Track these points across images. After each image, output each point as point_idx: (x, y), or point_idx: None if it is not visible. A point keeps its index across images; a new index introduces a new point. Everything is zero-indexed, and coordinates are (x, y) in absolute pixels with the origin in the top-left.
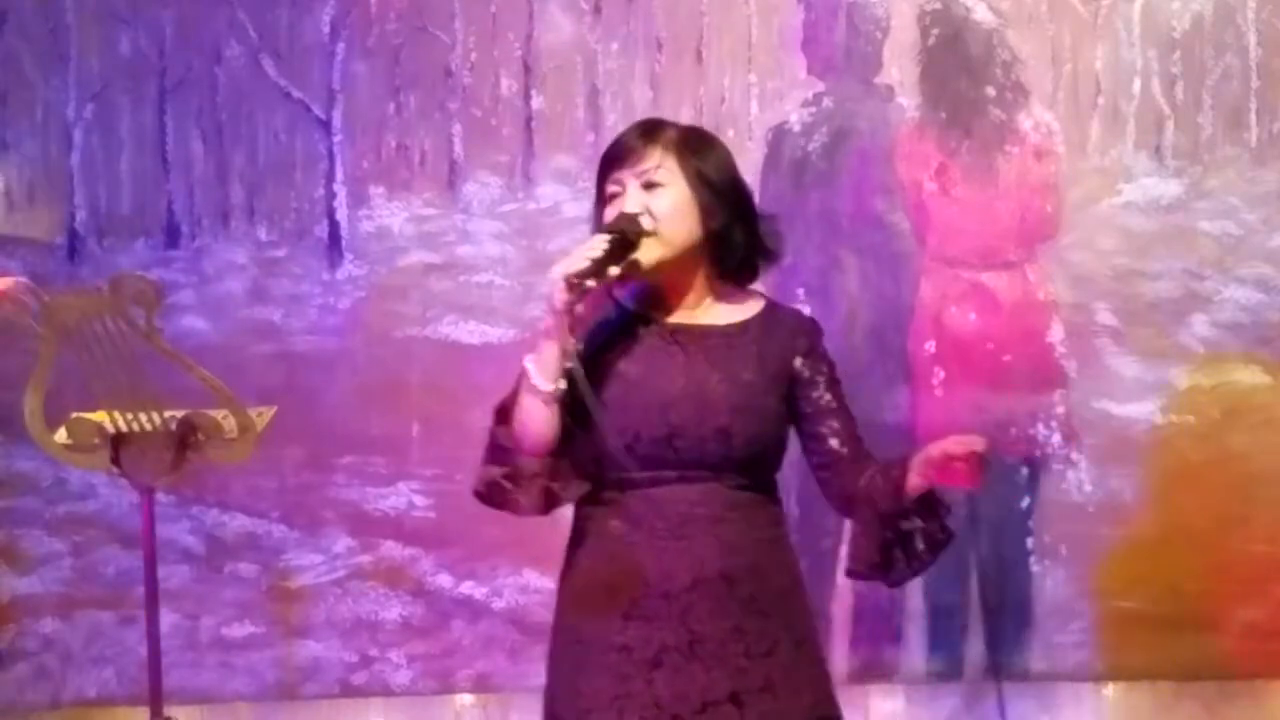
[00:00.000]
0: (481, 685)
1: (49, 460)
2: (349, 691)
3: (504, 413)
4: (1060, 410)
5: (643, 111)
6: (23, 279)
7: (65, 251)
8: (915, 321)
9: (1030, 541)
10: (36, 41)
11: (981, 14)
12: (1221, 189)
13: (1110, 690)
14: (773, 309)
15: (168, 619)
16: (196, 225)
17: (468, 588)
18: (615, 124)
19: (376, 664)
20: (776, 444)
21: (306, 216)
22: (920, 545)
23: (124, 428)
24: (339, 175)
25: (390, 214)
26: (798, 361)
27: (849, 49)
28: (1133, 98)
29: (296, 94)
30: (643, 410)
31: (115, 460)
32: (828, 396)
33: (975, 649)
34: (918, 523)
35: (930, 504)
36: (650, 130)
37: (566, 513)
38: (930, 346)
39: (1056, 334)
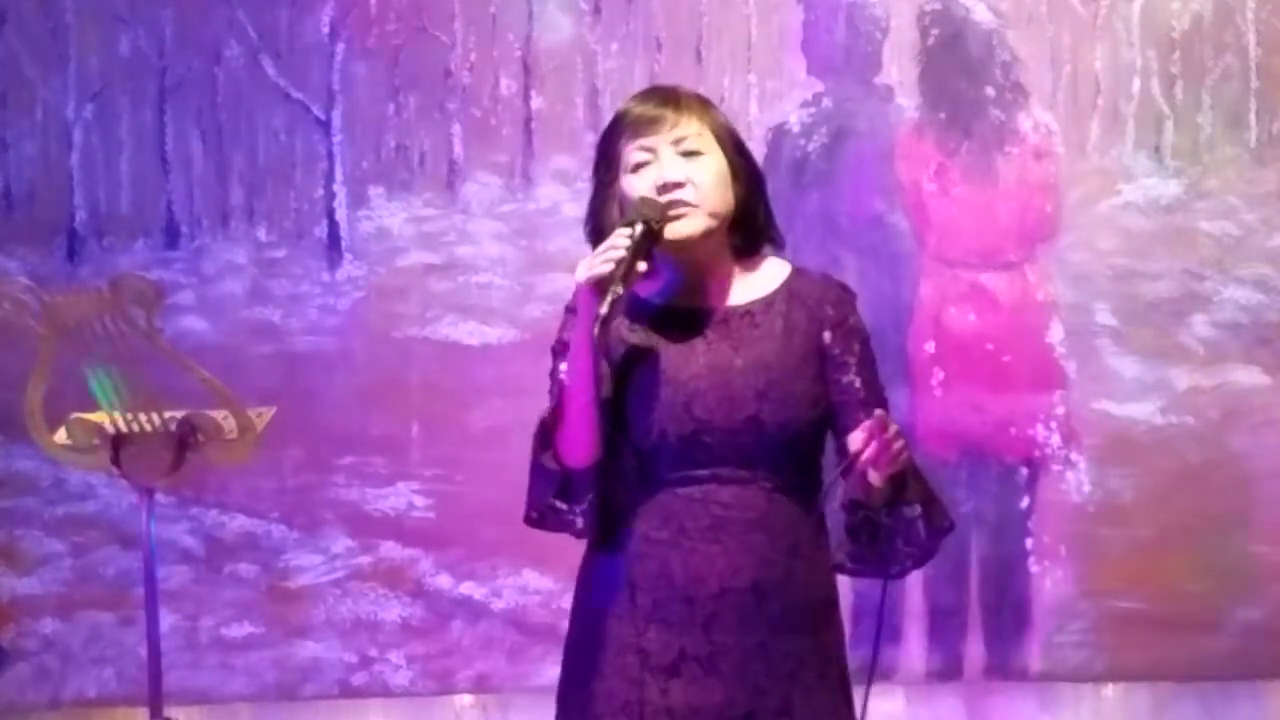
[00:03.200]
0: (481, 686)
1: (49, 460)
2: (348, 692)
3: (545, 434)
4: (1060, 411)
5: None
6: (23, 279)
7: (65, 251)
8: (915, 322)
9: (1030, 542)
10: (36, 41)
11: (981, 14)
12: (1221, 189)
13: (1110, 690)
14: (798, 276)
15: (167, 619)
16: (196, 225)
17: (467, 588)
18: None
19: (376, 664)
20: (814, 430)
21: (306, 217)
22: (922, 533)
23: (124, 428)
24: (339, 175)
25: (390, 214)
26: (827, 335)
27: (849, 49)
28: (1132, 98)
29: (296, 94)
30: (667, 406)
31: (115, 461)
32: (858, 383)
33: (975, 649)
34: (918, 510)
35: (925, 491)
36: (674, 96)
37: None
38: (930, 347)
39: (1056, 334)
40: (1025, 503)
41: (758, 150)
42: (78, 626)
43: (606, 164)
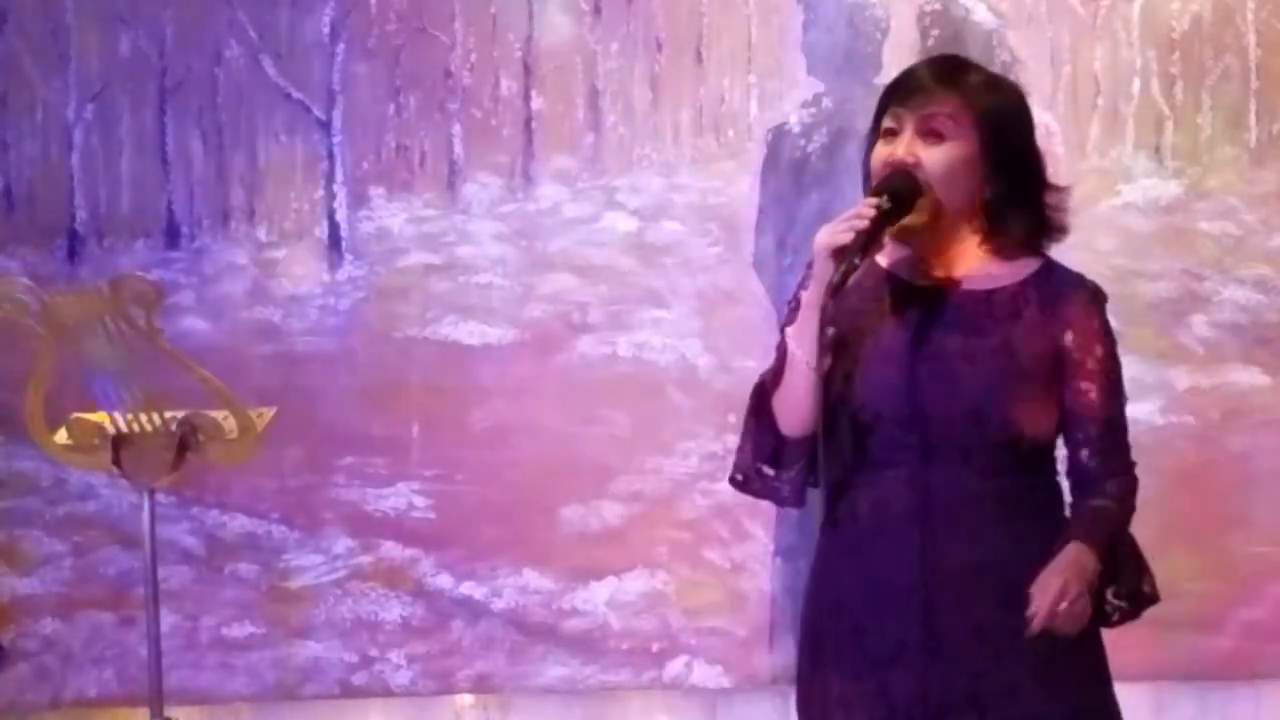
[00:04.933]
0: (481, 685)
1: (49, 460)
2: (349, 692)
3: (762, 394)
4: None
5: (643, 112)
6: (23, 279)
7: (65, 252)
8: None
9: None
10: (36, 41)
11: (981, 15)
12: (1221, 189)
13: None
14: (1049, 270)
15: (168, 619)
16: (196, 226)
17: (468, 588)
18: (615, 124)
19: (376, 664)
20: (1040, 432)
21: (306, 217)
22: (1113, 614)
23: (124, 428)
24: (339, 176)
25: (390, 215)
26: (1068, 336)
27: (849, 49)
28: (1132, 98)
29: (296, 94)
30: (889, 386)
31: (115, 461)
32: (1093, 391)
33: None
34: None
35: (1128, 580)
36: (951, 71)
37: (567, 512)
38: None
39: None
40: None
41: (758, 150)
42: (78, 626)
43: (874, 125)
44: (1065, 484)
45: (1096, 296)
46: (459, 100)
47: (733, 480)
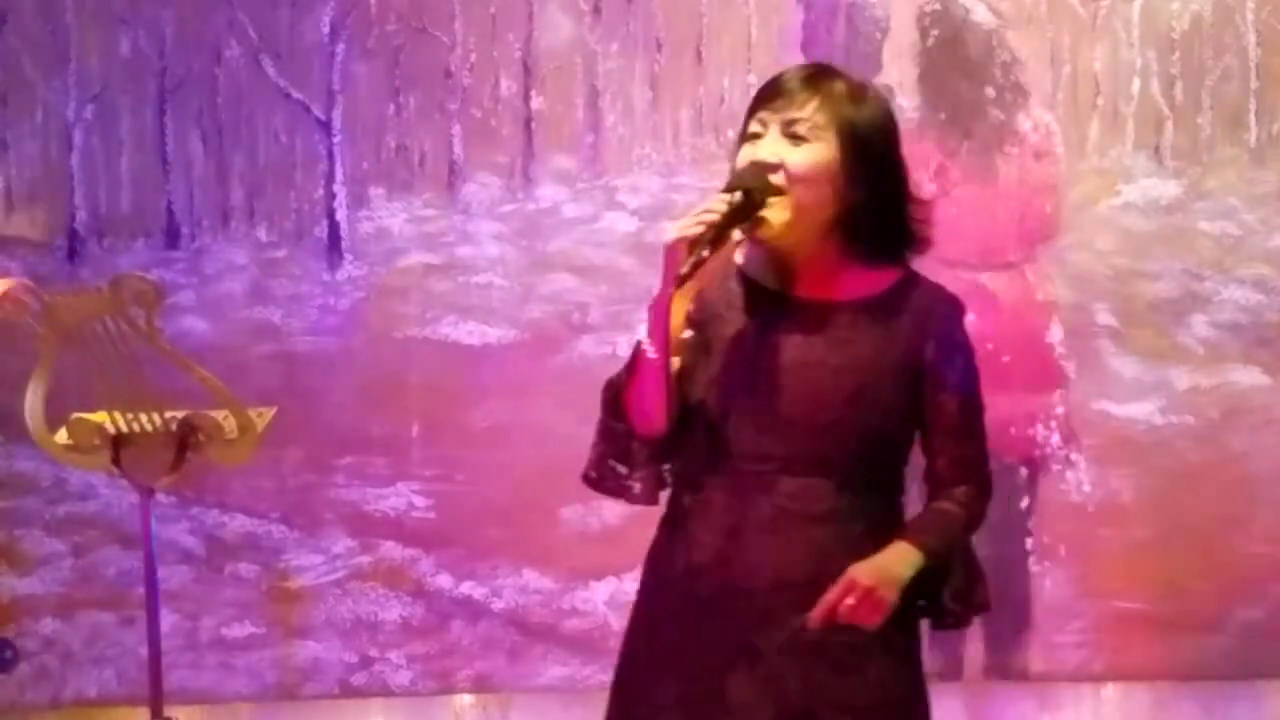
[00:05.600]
0: (481, 685)
1: (49, 460)
2: (349, 692)
3: (614, 392)
4: (1060, 411)
5: (642, 112)
6: (23, 279)
7: (65, 252)
8: None
9: (1029, 542)
10: (36, 41)
11: (981, 15)
12: (1221, 189)
13: (1110, 690)
14: (911, 282)
15: (168, 619)
16: (196, 226)
17: (467, 588)
18: (615, 124)
19: (376, 664)
20: (897, 441)
21: (306, 217)
22: (947, 617)
23: (124, 428)
24: (339, 176)
25: (390, 215)
26: (929, 348)
27: (849, 49)
28: (1132, 98)
29: (296, 94)
30: (749, 392)
31: (115, 461)
32: (953, 404)
33: (975, 649)
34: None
35: (964, 578)
36: (817, 78)
37: (567, 512)
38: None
39: (1056, 334)
40: (1025, 503)
41: None
42: (78, 626)
43: (746, 121)
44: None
45: (957, 309)
46: (459, 100)
47: (586, 478)
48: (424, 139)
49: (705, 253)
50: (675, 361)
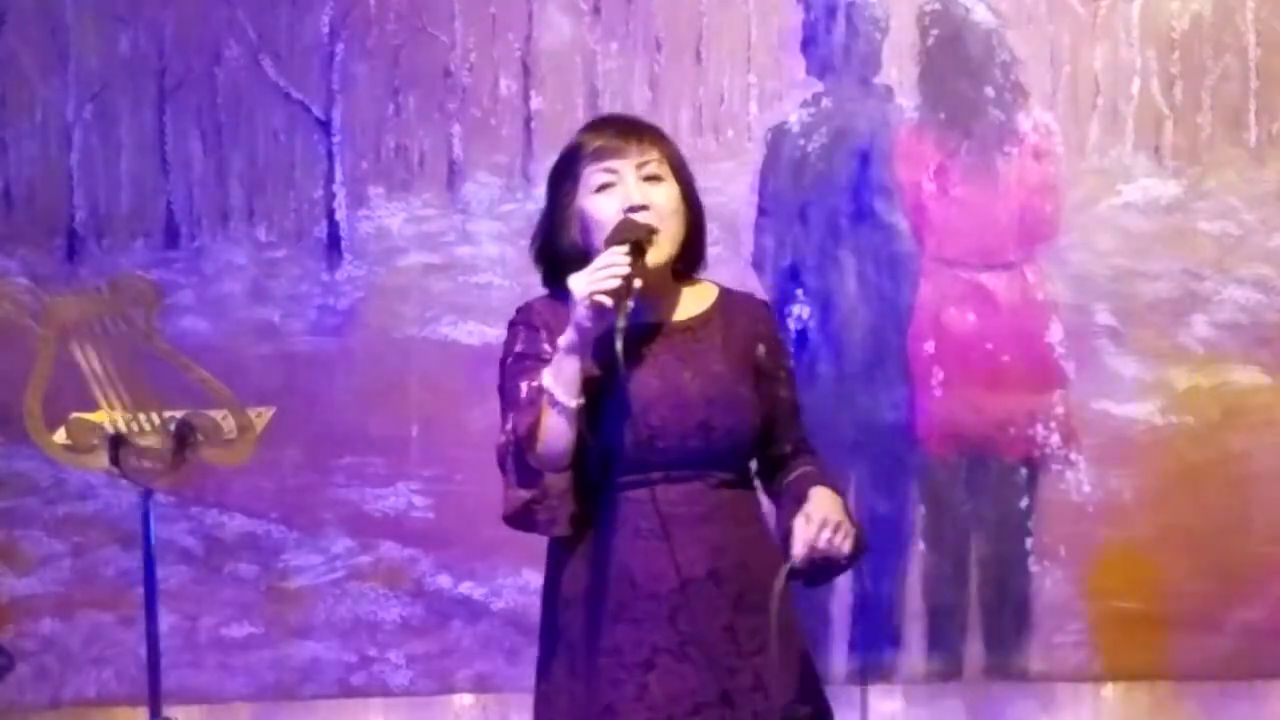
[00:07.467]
0: (481, 685)
1: (49, 460)
2: (348, 692)
3: (528, 436)
4: (1059, 411)
5: (642, 112)
6: (23, 279)
7: (65, 251)
8: (914, 322)
9: (1029, 542)
10: (36, 41)
11: (981, 14)
12: (1221, 189)
13: (1110, 690)
14: (728, 294)
15: (167, 619)
16: (196, 226)
17: (467, 588)
18: None
19: (376, 664)
20: (756, 434)
21: (306, 217)
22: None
23: (123, 428)
24: (338, 176)
25: (389, 214)
26: (760, 349)
27: (848, 49)
28: (1132, 98)
29: (296, 94)
30: (624, 416)
31: (115, 461)
32: (786, 395)
33: (975, 649)
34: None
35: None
36: (636, 124)
37: None
38: (929, 347)
39: (1055, 334)
40: (1025, 503)
41: (757, 150)
42: (78, 626)
43: (564, 187)
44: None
45: (770, 310)
46: (459, 100)
47: (506, 519)
48: (424, 139)
49: (630, 303)
50: (582, 400)
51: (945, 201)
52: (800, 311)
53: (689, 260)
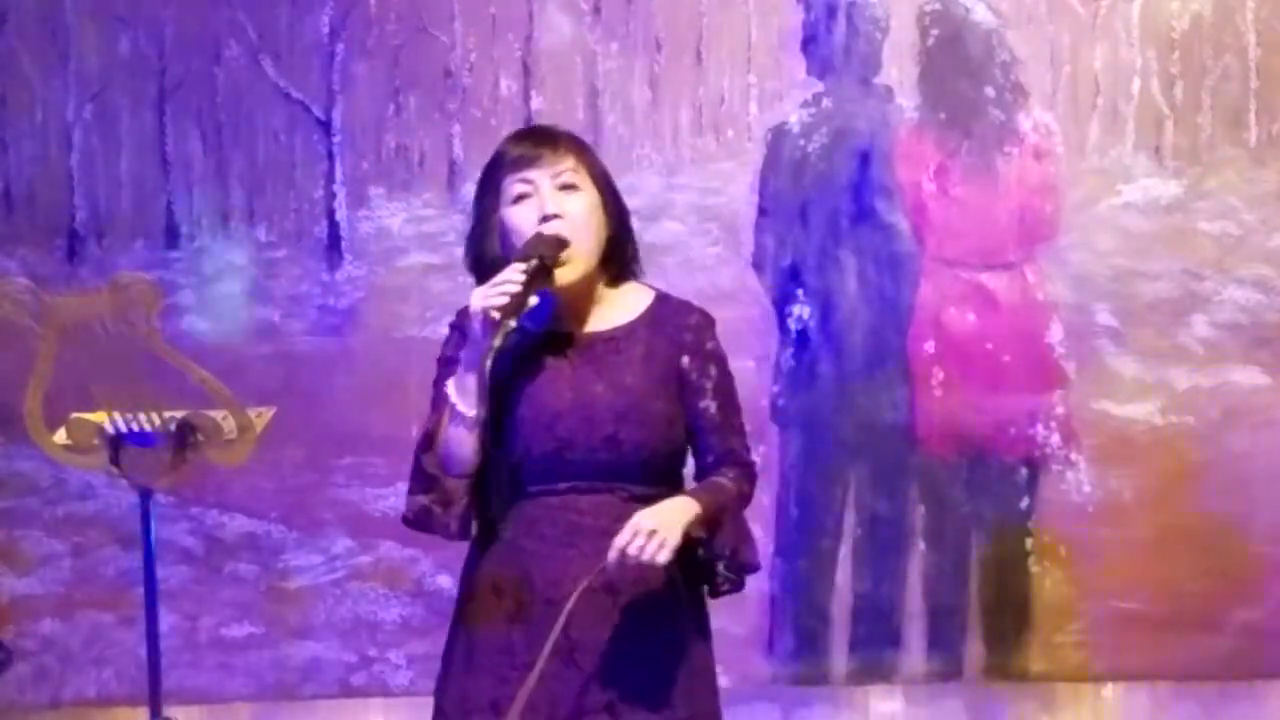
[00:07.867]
0: None
1: (49, 460)
2: (348, 692)
3: (429, 440)
4: (1060, 411)
5: (642, 112)
6: (23, 279)
7: (65, 252)
8: (915, 322)
9: (1029, 542)
10: (36, 41)
11: (981, 14)
12: (1221, 189)
13: (1110, 690)
14: (661, 302)
15: (167, 619)
16: (196, 226)
17: None
18: (615, 124)
19: (376, 664)
20: (671, 448)
21: (306, 217)
22: (734, 567)
23: (123, 428)
24: (338, 176)
25: (390, 214)
26: (684, 360)
27: (848, 49)
28: (1132, 98)
29: (296, 94)
30: (534, 425)
31: (115, 461)
32: (713, 408)
33: (975, 649)
34: (728, 550)
35: (736, 536)
36: (552, 133)
37: None
38: (930, 347)
39: (1056, 334)
40: (1025, 503)
41: (757, 151)
42: (78, 626)
43: (487, 197)
44: None
45: (706, 321)
46: (459, 100)
47: (405, 520)
48: (424, 139)
49: (511, 323)
50: (481, 410)
51: (945, 201)
52: (800, 311)
53: (615, 267)
